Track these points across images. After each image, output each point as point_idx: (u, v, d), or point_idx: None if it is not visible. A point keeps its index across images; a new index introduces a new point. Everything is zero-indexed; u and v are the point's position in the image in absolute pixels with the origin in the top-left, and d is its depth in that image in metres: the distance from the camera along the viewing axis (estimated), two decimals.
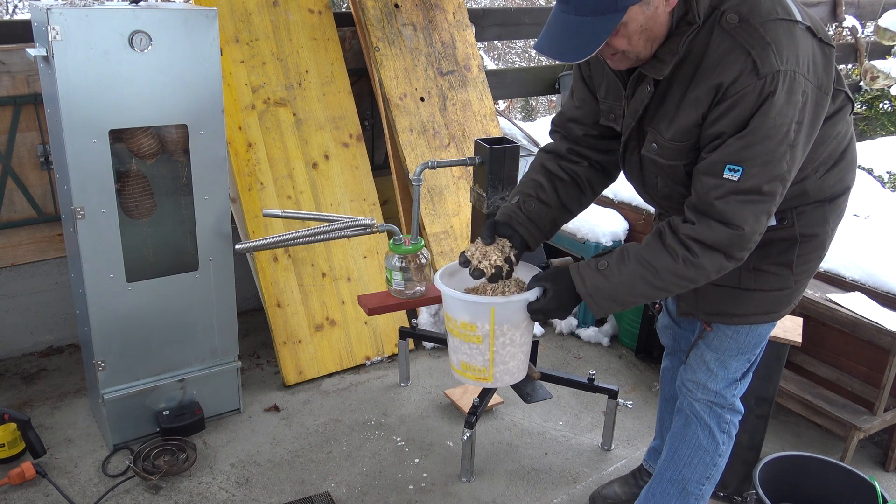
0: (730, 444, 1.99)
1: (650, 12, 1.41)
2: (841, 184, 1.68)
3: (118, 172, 2.34)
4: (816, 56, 1.45)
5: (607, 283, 1.62)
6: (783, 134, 1.41)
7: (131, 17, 2.14)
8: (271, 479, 2.46)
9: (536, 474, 2.53)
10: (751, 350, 1.86)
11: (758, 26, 1.40)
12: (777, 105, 1.39)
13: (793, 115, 1.41)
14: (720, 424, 1.94)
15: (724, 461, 1.99)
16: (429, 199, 3.30)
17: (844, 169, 1.67)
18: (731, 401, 1.92)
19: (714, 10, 1.45)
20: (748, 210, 1.46)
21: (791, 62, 1.40)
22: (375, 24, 3.27)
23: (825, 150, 1.61)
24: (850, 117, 1.66)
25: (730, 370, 1.88)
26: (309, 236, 2.53)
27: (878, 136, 5.74)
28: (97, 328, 2.39)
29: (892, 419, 2.52)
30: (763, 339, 1.86)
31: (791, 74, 1.39)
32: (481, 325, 1.73)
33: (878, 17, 5.78)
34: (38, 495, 2.33)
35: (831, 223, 1.70)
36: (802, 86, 1.41)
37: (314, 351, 3.04)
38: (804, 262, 1.71)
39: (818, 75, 1.45)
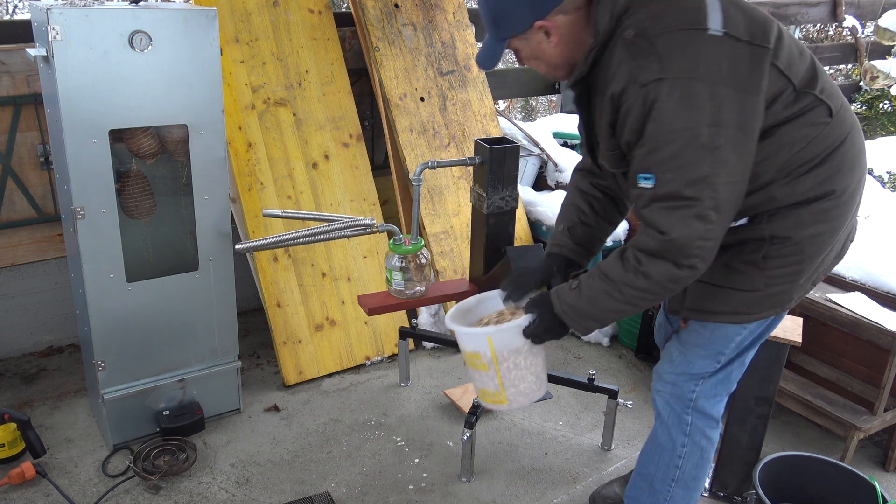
0: (697, 451, 1.92)
1: (533, 45, 1.63)
2: (822, 187, 1.61)
3: (118, 172, 2.34)
4: (736, 60, 1.47)
5: (579, 300, 1.68)
6: (689, 138, 1.44)
7: (131, 17, 2.14)
8: (271, 479, 2.46)
9: (536, 474, 2.53)
10: (715, 349, 1.81)
11: (652, 38, 1.47)
12: (666, 111, 1.44)
13: (697, 119, 1.43)
14: (680, 425, 1.90)
15: (694, 467, 1.93)
16: (429, 199, 3.30)
17: (828, 172, 1.60)
18: (690, 398, 1.87)
19: (618, 26, 1.53)
20: (674, 216, 1.49)
21: (681, 70, 1.44)
22: (375, 24, 3.27)
23: (788, 153, 1.57)
24: (829, 119, 1.58)
25: (691, 364, 1.84)
26: (309, 236, 2.53)
27: (878, 136, 5.74)
28: (97, 328, 2.39)
29: (892, 419, 2.52)
30: (730, 341, 1.80)
31: (681, 81, 1.44)
32: (484, 353, 1.83)
33: (878, 17, 5.78)
34: (38, 495, 2.33)
35: (810, 228, 1.62)
36: (705, 91, 1.43)
37: (314, 351, 3.04)
38: (777, 265, 1.65)
39: (737, 78, 1.46)
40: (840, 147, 1.61)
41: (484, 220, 2.47)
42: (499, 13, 1.61)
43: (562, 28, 1.59)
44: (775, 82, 1.52)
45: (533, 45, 1.64)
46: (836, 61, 6.21)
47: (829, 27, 6.97)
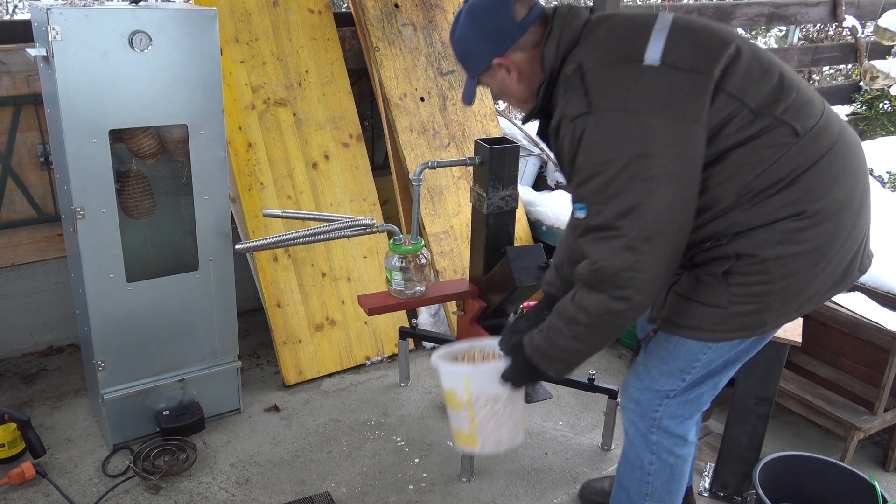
0: (666, 469, 1.87)
1: (497, 81, 1.73)
2: (791, 208, 1.54)
3: (118, 172, 2.34)
4: (672, 89, 1.47)
5: (542, 341, 1.69)
6: (617, 169, 1.45)
7: (131, 17, 2.14)
8: (271, 479, 2.46)
9: (536, 474, 2.53)
10: (679, 365, 1.76)
11: (584, 73, 1.53)
12: (594, 144, 1.48)
13: (625, 150, 1.45)
14: (646, 443, 1.86)
15: (665, 482, 1.89)
16: (429, 199, 3.30)
17: (797, 194, 1.53)
18: (654, 416, 1.82)
19: (565, 62, 1.60)
20: (603, 246, 1.50)
21: (607, 103, 1.48)
22: (375, 24, 3.27)
23: (747, 176, 1.53)
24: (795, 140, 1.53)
25: (655, 380, 1.80)
26: (309, 236, 2.53)
27: (878, 136, 5.74)
28: (97, 328, 2.39)
29: (892, 419, 2.52)
30: (694, 359, 1.74)
31: (607, 114, 1.47)
32: (461, 392, 1.82)
33: (878, 17, 5.78)
34: (38, 495, 2.33)
35: (777, 248, 1.55)
36: (634, 122, 1.45)
37: (314, 351, 3.04)
38: (740, 281, 1.59)
39: (671, 108, 1.46)
40: (813, 167, 1.54)
41: (484, 220, 2.47)
42: (463, 53, 1.73)
43: (520, 64, 1.67)
44: (725, 107, 1.49)
45: (498, 81, 1.73)
46: (836, 61, 6.21)
47: (829, 27, 6.97)
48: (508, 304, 2.54)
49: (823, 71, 7.16)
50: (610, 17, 1.63)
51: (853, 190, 1.60)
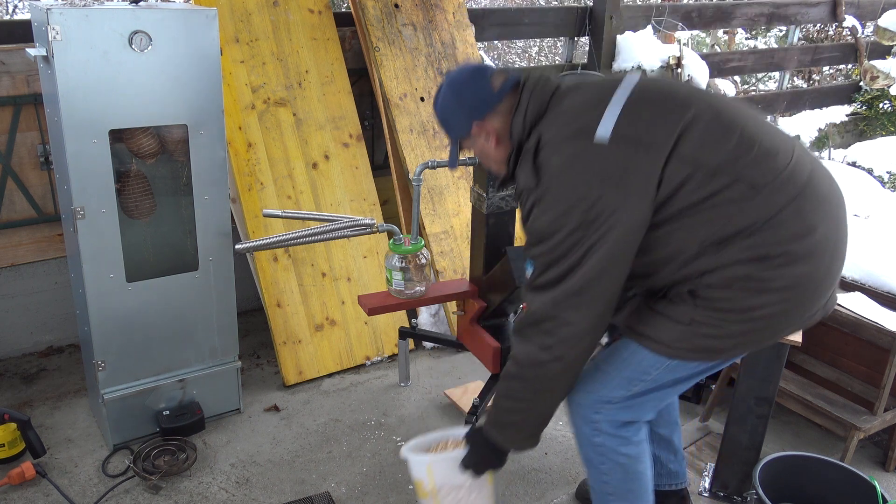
0: (617, 468, 1.85)
1: (478, 147, 1.83)
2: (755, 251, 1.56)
3: (118, 172, 2.34)
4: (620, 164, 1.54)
5: (491, 409, 1.79)
6: (560, 239, 1.57)
7: (131, 17, 2.14)
8: (271, 479, 2.46)
9: (536, 474, 2.53)
10: (629, 373, 1.77)
11: (540, 147, 1.64)
12: (539, 215, 1.61)
13: (569, 222, 1.55)
14: (591, 445, 1.86)
15: (622, 481, 1.87)
16: (429, 199, 3.30)
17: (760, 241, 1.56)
18: (594, 419, 1.82)
19: (531, 134, 1.69)
20: (537, 296, 1.63)
21: (555, 178, 1.59)
22: (375, 24, 3.27)
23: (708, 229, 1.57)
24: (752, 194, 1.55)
25: (601, 383, 1.81)
26: (309, 236, 2.53)
27: (878, 136, 5.74)
28: (97, 328, 2.39)
29: (892, 419, 2.52)
30: (644, 370, 1.75)
31: (554, 189, 1.59)
32: (426, 482, 1.91)
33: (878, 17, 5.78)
34: (38, 495, 2.33)
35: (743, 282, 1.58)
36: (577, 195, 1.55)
37: (314, 351, 3.04)
38: (707, 305, 1.62)
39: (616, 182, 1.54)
40: (776, 216, 1.56)
41: (484, 220, 2.47)
42: (443, 120, 1.85)
43: (497, 131, 1.77)
44: (680, 171, 1.55)
45: (478, 146, 1.83)
46: (836, 61, 6.21)
47: (829, 27, 6.97)
48: (508, 304, 2.54)
49: (823, 71, 7.16)
50: (576, 88, 1.71)
51: (826, 234, 1.61)
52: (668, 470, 2.18)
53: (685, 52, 4.47)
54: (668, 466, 2.18)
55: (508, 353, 2.38)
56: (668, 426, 2.14)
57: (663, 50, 4.47)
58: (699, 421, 2.83)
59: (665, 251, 1.62)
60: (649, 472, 1.91)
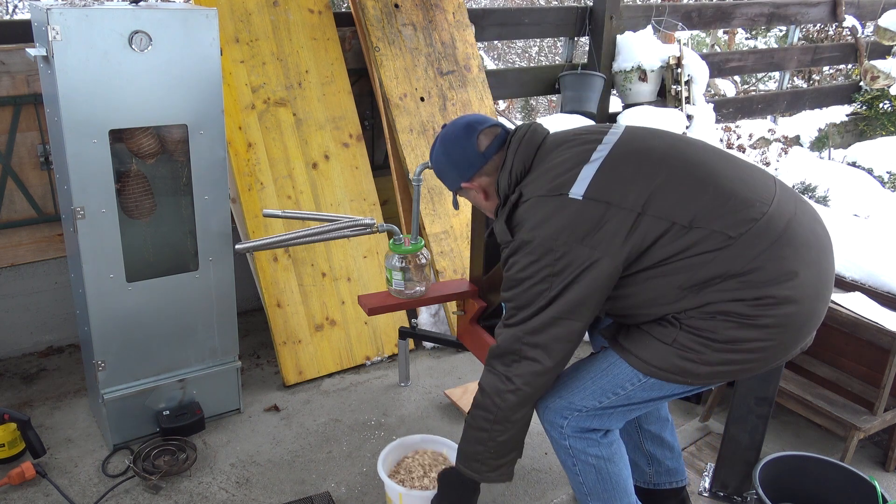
0: (590, 469, 1.87)
1: (472, 197, 1.99)
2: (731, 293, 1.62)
3: (118, 172, 2.34)
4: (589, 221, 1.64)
5: (461, 442, 1.92)
6: (529, 286, 1.69)
7: (131, 17, 2.14)
8: (271, 479, 2.46)
9: (536, 474, 2.53)
10: (602, 383, 1.81)
11: (521, 202, 1.76)
12: (515, 264, 1.72)
13: (534, 271, 1.68)
14: (561, 448, 1.87)
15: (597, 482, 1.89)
16: (429, 199, 3.30)
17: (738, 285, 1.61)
18: (561, 424, 1.85)
19: (515, 190, 1.80)
20: (503, 333, 1.77)
21: (528, 231, 1.70)
22: (375, 24, 3.27)
23: (685, 276, 1.64)
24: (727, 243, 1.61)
25: (573, 391, 1.84)
26: (309, 236, 2.53)
27: (878, 136, 5.74)
28: (97, 328, 2.39)
29: (892, 419, 2.52)
30: (620, 384, 1.79)
31: (526, 241, 1.69)
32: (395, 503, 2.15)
33: (878, 17, 5.78)
34: (38, 495, 2.33)
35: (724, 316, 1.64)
36: (544, 247, 1.66)
37: (314, 351, 3.04)
38: (692, 330, 1.66)
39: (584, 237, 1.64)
40: (755, 261, 1.61)
41: (484, 220, 2.47)
42: (439, 174, 2.00)
43: (486, 187, 1.92)
44: (653, 228, 1.63)
45: (471, 197, 2.00)
46: (836, 61, 6.22)
47: (829, 27, 6.98)
48: None
49: (823, 71, 7.16)
50: (560, 145, 1.81)
51: (807, 279, 1.65)
52: (665, 468, 2.18)
53: (685, 52, 4.47)
54: (665, 464, 2.18)
55: None
56: (657, 422, 2.14)
57: (663, 50, 4.47)
58: (699, 421, 2.83)
59: (644, 296, 1.70)
60: (625, 472, 1.92)
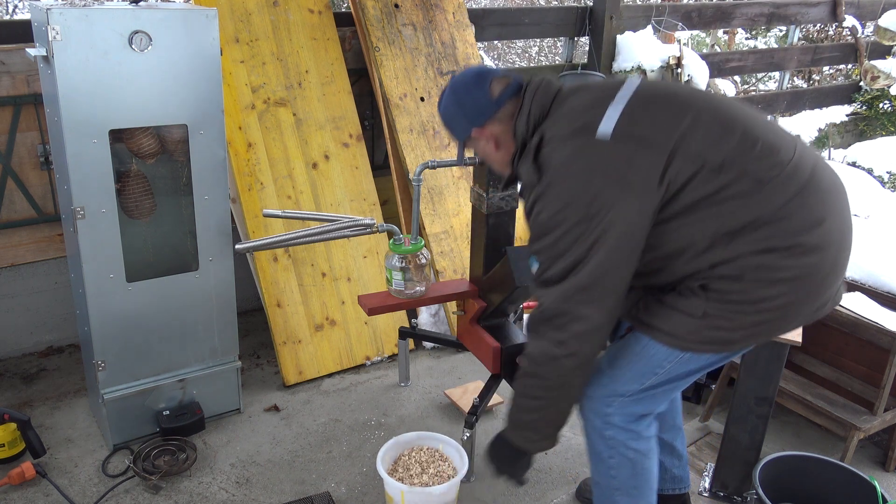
0: (626, 463, 1.86)
1: (480, 147, 1.90)
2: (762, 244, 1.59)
3: (118, 172, 2.34)
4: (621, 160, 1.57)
5: (509, 408, 1.83)
6: (563, 233, 1.60)
7: (131, 17, 2.14)
8: (271, 479, 2.46)
9: (536, 474, 2.53)
10: (641, 368, 1.78)
11: (543, 143, 1.68)
12: (543, 208, 1.63)
13: (571, 216, 1.58)
14: (602, 438, 1.87)
15: (629, 477, 1.88)
16: (429, 199, 3.30)
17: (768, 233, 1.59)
18: (606, 411, 1.83)
19: (534, 134, 1.73)
20: (546, 293, 1.66)
21: (556, 172, 1.62)
22: (375, 24, 3.27)
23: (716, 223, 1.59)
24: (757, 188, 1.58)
25: (614, 378, 1.82)
26: (309, 236, 2.53)
27: (878, 136, 5.74)
28: (97, 328, 2.39)
29: (892, 419, 2.52)
30: (657, 364, 1.77)
31: (556, 182, 1.62)
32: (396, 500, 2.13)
33: (878, 17, 5.78)
34: (38, 495, 2.33)
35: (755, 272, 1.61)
36: (576, 190, 1.59)
37: (314, 351, 3.04)
38: (718, 297, 1.63)
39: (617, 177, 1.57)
40: (784, 208, 1.59)
41: (484, 220, 2.47)
42: (446, 123, 1.92)
43: (497, 136, 1.83)
44: (685, 169, 1.58)
45: (480, 148, 1.91)
46: (836, 61, 6.21)
47: (829, 27, 6.97)
48: (508, 304, 2.54)
49: (823, 71, 7.16)
50: (579, 90, 1.75)
51: (832, 227, 1.64)
52: (671, 475, 2.19)
53: (685, 52, 4.47)
54: (672, 472, 2.18)
55: (509, 353, 2.41)
56: (671, 431, 2.14)
57: (663, 50, 4.47)
58: (699, 421, 2.83)
59: (675, 245, 1.64)
60: (656, 469, 1.92)
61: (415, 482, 2.23)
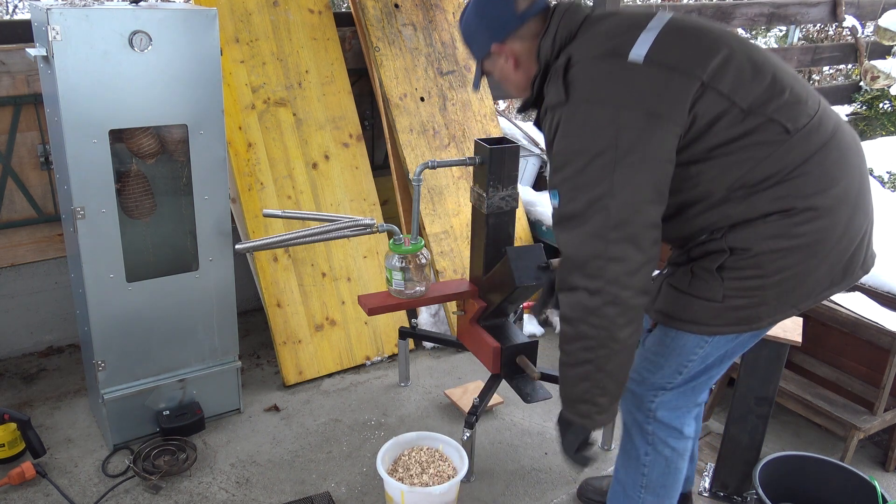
0: (661, 460, 1.87)
1: (499, 67, 1.80)
2: (780, 203, 1.56)
3: (118, 172, 2.34)
4: (652, 86, 1.51)
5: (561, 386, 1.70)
6: (590, 159, 1.49)
7: (131, 17, 2.14)
8: (271, 479, 2.46)
9: (536, 474, 2.53)
10: (676, 359, 1.77)
11: (570, 65, 1.59)
12: (568, 133, 1.53)
13: (596, 141, 1.49)
14: (642, 434, 1.87)
15: (661, 475, 1.89)
16: (429, 199, 3.30)
17: (787, 190, 1.55)
18: (650, 407, 1.84)
19: (560, 55, 1.65)
20: (572, 234, 1.53)
21: (584, 94, 1.53)
22: (375, 24, 3.27)
23: (738, 172, 1.55)
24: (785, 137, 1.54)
25: (652, 373, 1.82)
26: (309, 236, 2.53)
27: (878, 136, 5.74)
28: (97, 328, 2.39)
29: (892, 419, 2.52)
30: (691, 353, 1.75)
31: (583, 105, 1.53)
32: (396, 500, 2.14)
33: (878, 17, 5.78)
34: (38, 495, 2.33)
35: (770, 242, 1.57)
36: (607, 114, 1.49)
37: (314, 351, 3.04)
38: (734, 275, 1.60)
39: (647, 103, 1.49)
40: (805, 164, 1.55)
41: (484, 220, 2.47)
42: (466, 37, 1.84)
43: (518, 54, 1.75)
44: (714, 105, 1.52)
45: (498, 68, 1.81)
46: (836, 61, 6.21)
47: (829, 27, 6.97)
48: (508, 304, 2.54)
49: (823, 71, 7.16)
50: (608, 16, 1.68)
51: (848, 187, 1.61)
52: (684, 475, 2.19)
53: None
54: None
55: (509, 353, 2.40)
56: None
57: None
58: (700, 416, 2.83)
59: (690, 194, 1.59)
60: (685, 470, 1.93)
61: (415, 482, 2.23)
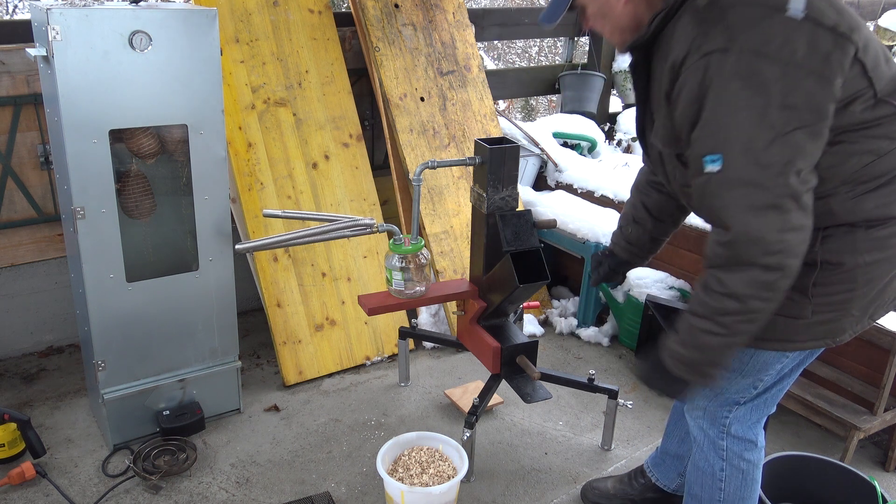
0: (737, 474, 1.84)
1: (602, 2, 1.54)
2: (883, 210, 1.48)
3: (118, 172, 2.34)
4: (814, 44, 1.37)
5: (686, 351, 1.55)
6: (758, 118, 1.34)
7: (131, 17, 2.14)
8: (271, 479, 2.46)
9: (536, 474, 2.53)
10: (753, 375, 1.72)
11: (724, 7, 1.40)
12: (730, 88, 1.36)
13: (766, 99, 1.34)
14: (716, 450, 1.84)
15: (738, 489, 1.85)
16: (429, 199, 3.30)
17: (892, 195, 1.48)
18: (723, 423, 1.80)
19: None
20: (744, 203, 1.38)
21: (750, 44, 1.35)
22: (375, 24, 3.27)
23: (857, 163, 1.46)
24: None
25: (726, 389, 1.77)
26: (309, 236, 2.53)
27: None
28: (97, 328, 2.39)
29: (892, 419, 2.52)
30: (768, 367, 1.70)
31: (748, 56, 1.35)
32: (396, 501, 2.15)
33: (878, 17, 5.77)
34: (38, 495, 2.33)
35: (865, 255, 1.50)
36: (775, 70, 1.34)
37: (314, 351, 3.04)
38: (825, 292, 1.54)
39: (812, 62, 1.36)
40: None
41: (484, 220, 2.47)
42: None
43: None
44: (856, 81, 1.41)
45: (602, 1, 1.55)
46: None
47: None
48: (508, 304, 2.54)
49: None
50: None
51: None
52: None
53: None
54: None
55: (509, 353, 2.39)
56: None
57: None
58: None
59: None
60: (760, 480, 1.89)
61: (415, 482, 2.23)
